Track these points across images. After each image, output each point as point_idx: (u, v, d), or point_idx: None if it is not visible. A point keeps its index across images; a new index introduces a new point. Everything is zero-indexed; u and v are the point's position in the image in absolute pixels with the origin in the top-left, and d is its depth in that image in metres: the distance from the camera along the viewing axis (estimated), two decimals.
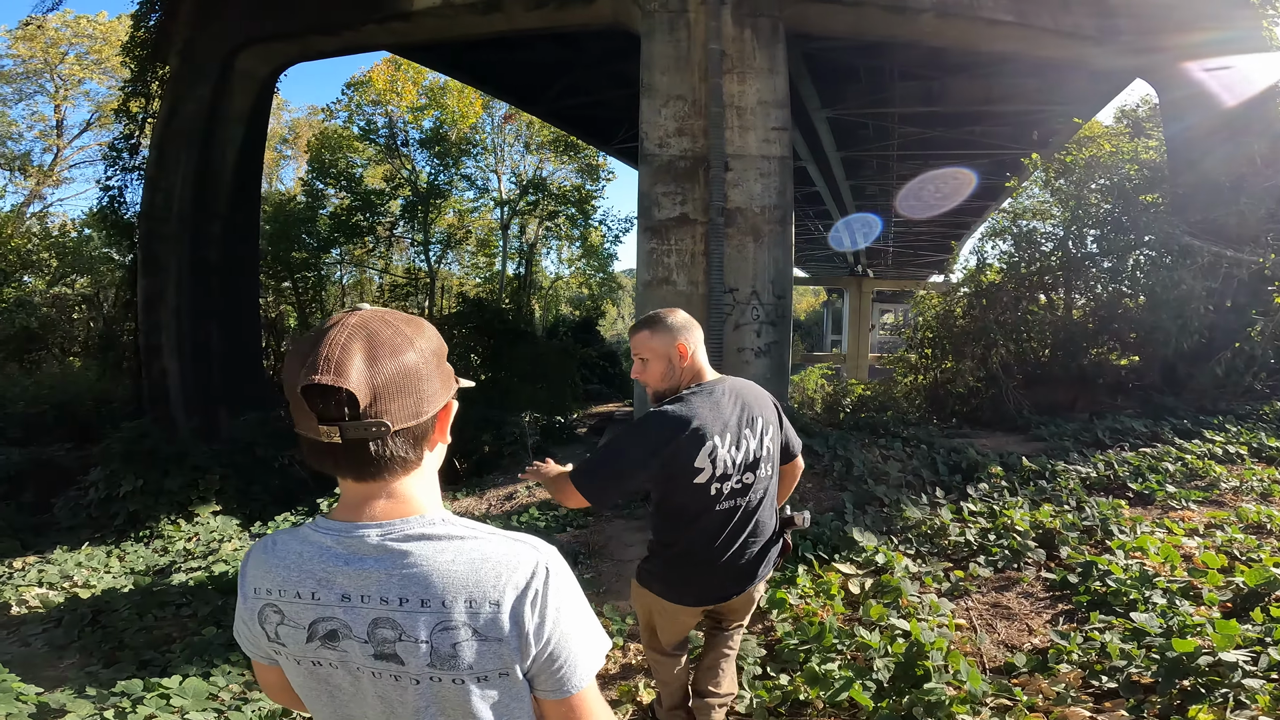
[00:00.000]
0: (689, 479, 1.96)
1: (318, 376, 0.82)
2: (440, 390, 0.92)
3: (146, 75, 9.95)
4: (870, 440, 5.91)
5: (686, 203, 7.39)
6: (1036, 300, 7.72)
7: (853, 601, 3.56)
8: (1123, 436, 5.83)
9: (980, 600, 3.51)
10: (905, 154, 16.15)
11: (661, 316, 2.08)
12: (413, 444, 0.90)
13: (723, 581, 2.12)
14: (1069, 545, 3.83)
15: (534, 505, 5.49)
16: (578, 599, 0.94)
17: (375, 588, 0.87)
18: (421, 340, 0.91)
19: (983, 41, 9.02)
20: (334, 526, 0.90)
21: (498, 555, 0.88)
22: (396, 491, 0.91)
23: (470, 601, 0.86)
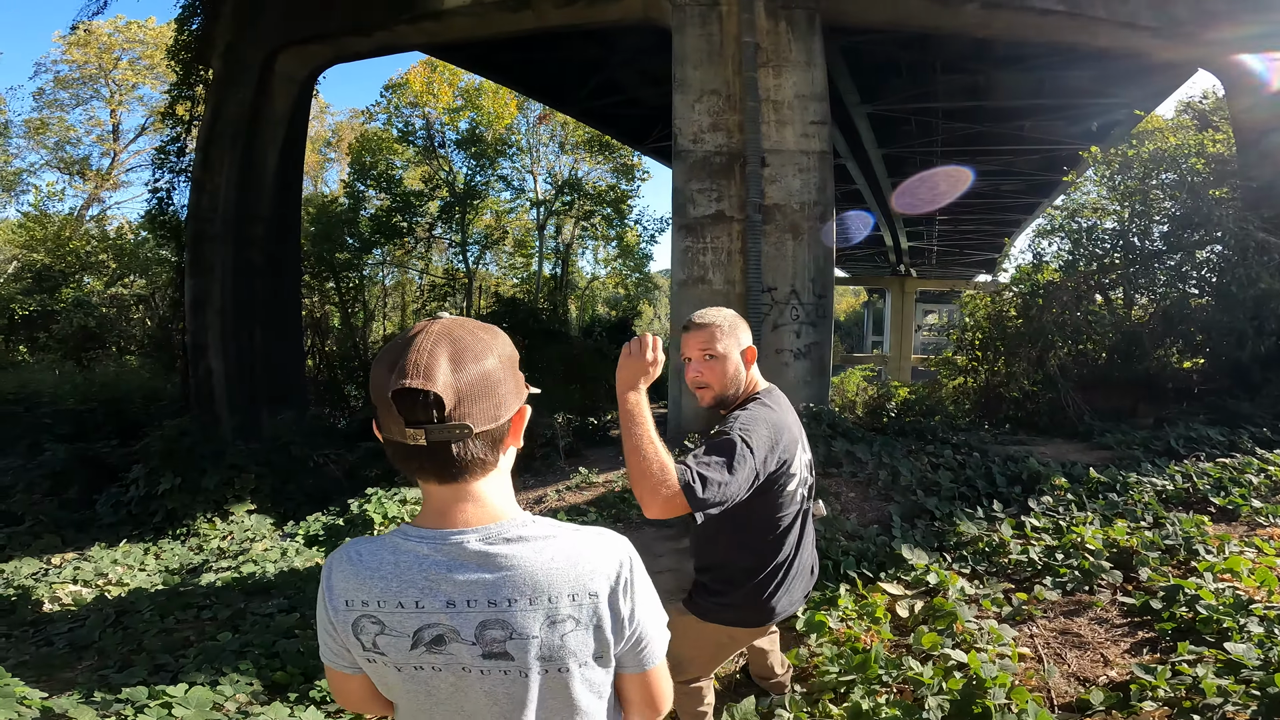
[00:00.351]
0: (786, 485, 1.87)
1: (408, 381, 0.86)
2: (515, 394, 0.97)
3: (191, 78, 10.20)
4: (917, 447, 5.56)
5: (722, 199, 7.21)
6: (1095, 300, 7.29)
7: (901, 626, 3.23)
8: (1197, 446, 5.38)
9: (1047, 627, 3.15)
10: (950, 150, 15.62)
11: (729, 315, 1.96)
12: (490, 446, 0.94)
13: (804, 587, 2.07)
14: (1148, 566, 3.45)
15: (562, 510, 5.36)
16: (650, 583, 1.04)
17: (483, 592, 0.91)
18: (498, 346, 0.96)
19: (1032, 33, 8.62)
20: (427, 535, 0.94)
21: (589, 550, 0.95)
22: (479, 495, 0.95)
23: (573, 595, 0.93)
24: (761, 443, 1.72)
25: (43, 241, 18.92)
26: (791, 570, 1.97)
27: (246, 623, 3.41)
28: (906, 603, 3.36)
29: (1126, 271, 7.20)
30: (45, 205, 21.43)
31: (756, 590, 1.94)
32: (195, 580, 4.44)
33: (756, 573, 1.93)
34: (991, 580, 3.62)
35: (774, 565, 1.93)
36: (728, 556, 1.96)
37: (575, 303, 28.20)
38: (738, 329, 1.94)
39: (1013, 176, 17.91)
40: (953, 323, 18.30)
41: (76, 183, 23.68)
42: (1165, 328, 7.07)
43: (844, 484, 4.79)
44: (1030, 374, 6.73)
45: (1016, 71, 11.67)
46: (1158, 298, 7.46)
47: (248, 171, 9.76)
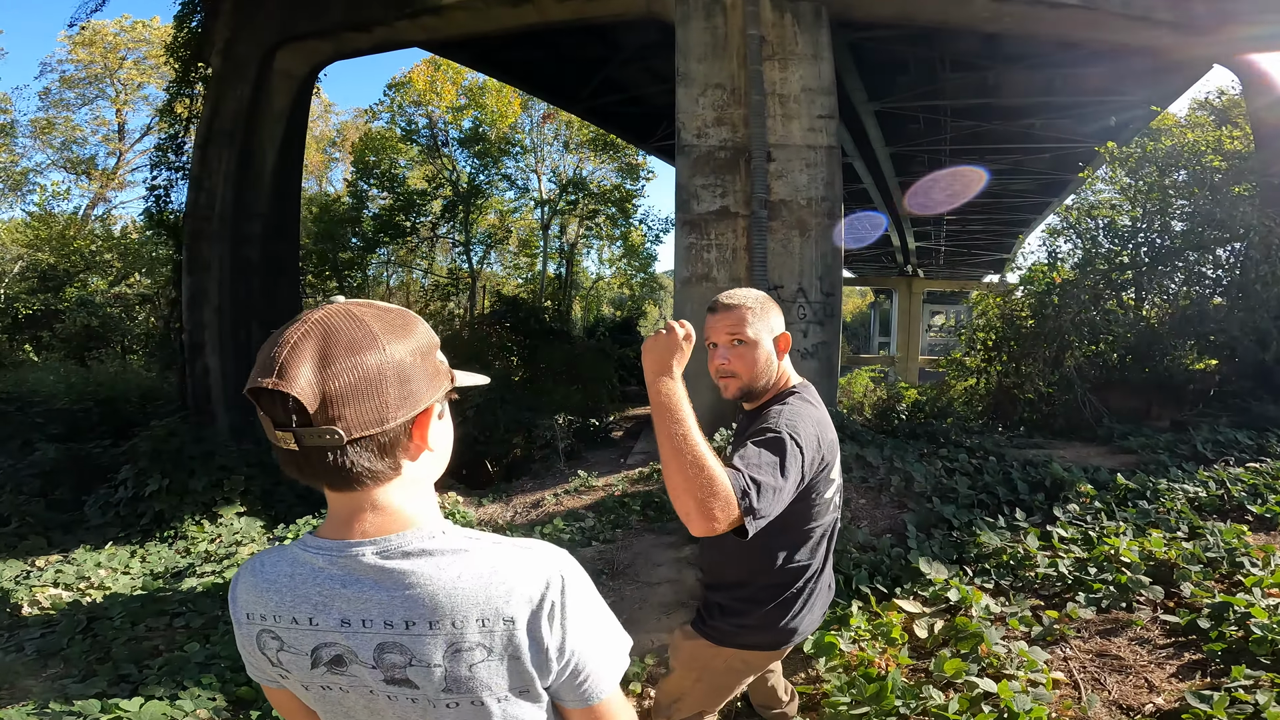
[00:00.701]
0: (824, 490, 1.68)
1: (262, 379, 0.76)
2: (418, 394, 0.83)
3: (189, 76, 10.11)
4: (929, 450, 5.32)
5: (727, 195, 7.04)
6: (1115, 298, 7.09)
7: (919, 648, 2.95)
8: (1225, 450, 5.13)
9: (1082, 648, 2.87)
10: (958, 148, 15.42)
11: (759, 296, 1.75)
12: (378, 453, 0.81)
13: (825, 605, 1.85)
14: (1190, 581, 3.19)
15: (560, 515, 5.20)
16: (596, 604, 0.90)
17: (377, 611, 0.81)
18: (392, 338, 0.82)
19: (1044, 27, 8.42)
20: (325, 545, 0.84)
21: (507, 568, 0.83)
22: (381, 503, 0.84)
23: (483, 620, 0.81)
24: (809, 441, 1.52)
25: (47, 241, 18.94)
26: (818, 587, 1.78)
27: (218, 632, 3.24)
28: (925, 622, 3.08)
29: (1144, 269, 6.98)
30: (50, 205, 21.47)
31: (781, 609, 1.72)
32: (176, 585, 4.29)
33: (784, 589, 1.71)
34: (1018, 596, 3.34)
35: (803, 581, 1.73)
36: (755, 573, 1.72)
37: (580, 303, 28.08)
38: (770, 312, 1.74)
39: (1022, 176, 17.68)
40: (961, 323, 18.04)
41: (82, 182, 23.71)
42: (1184, 328, 6.86)
43: (854, 490, 4.58)
44: (1046, 375, 6.51)
45: (1026, 69, 11.45)
46: (1173, 297, 7.25)
47: (246, 169, 9.68)
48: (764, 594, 1.72)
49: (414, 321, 0.87)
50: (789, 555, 1.69)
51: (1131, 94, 11.58)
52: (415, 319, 0.87)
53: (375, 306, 0.85)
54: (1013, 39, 10.09)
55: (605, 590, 3.75)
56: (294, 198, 10.87)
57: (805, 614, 1.75)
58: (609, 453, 7.73)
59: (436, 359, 0.88)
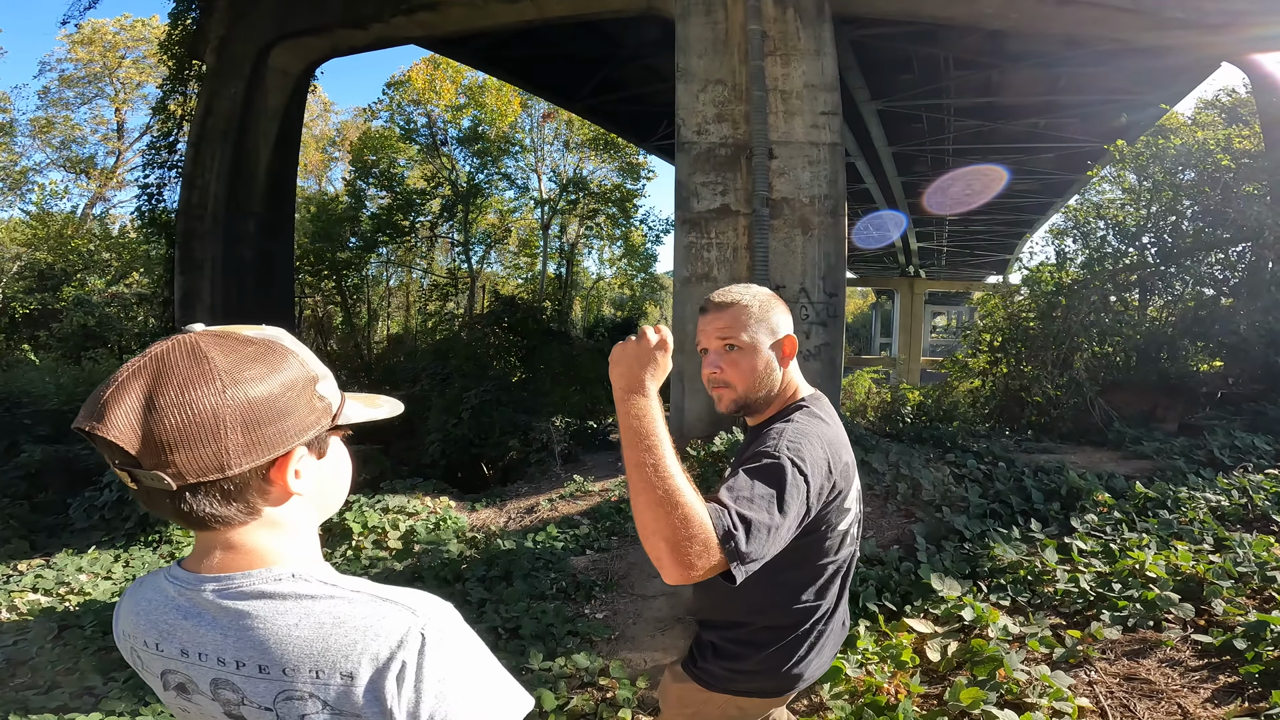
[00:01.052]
0: (838, 522, 1.43)
1: (82, 421, 0.74)
2: (273, 438, 0.77)
3: (184, 73, 10.02)
4: (936, 455, 5.14)
5: (728, 193, 6.90)
6: (1122, 299, 6.94)
7: (932, 672, 2.76)
8: (1243, 455, 4.95)
9: (1108, 671, 2.69)
10: (961, 148, 15.29)
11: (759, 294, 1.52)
12: (222, 499, 0.76)
13: (835, 646, 1.60)
14: (1221, 597, 3.01)
15: (554, 521, 5.05)
16: (472, 666, 0.79)
17: (211, 647, 0.79)
18: (241, 377, 0.75)
19: (1052, 25, 8.29)
20: (178, 576, 0.83)
21: (354, 620, 0.77)
22: (236, 543, 0.80)
23: (316, 672, 0.76)
24: (817, 467, 1.29)
25: (45, 240, 18.84)
26: (828, 629, 1.53)
27: None
28: (938, 643, 2.88)
29: (1155, 270, 6.84)
30: (48, 204, 21.37)
31: (783, 654, 1.49)
32: None
33: (787, 632, 1.48)
34: (1037, 615, 3.12)
35: (810, 623, 1.49)
36: (753, 613, 1.49)
37: (580, 303, 27.96)
38: (771, 312, 1.50)
39: (1025, 176, 17.54)
40: (962, 324, 17.87)
41: (81, 181, 23.62)
42: (1192, 329, 6.71)
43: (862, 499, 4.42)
44: (1054, 377, 6.37)
45: (1031, 68, 11.30)
46: (1179, 298, 7.12)
47: (239, 167, 9.58)
48: (764, 636, 1.49)
49: (280, 356, 0.79)
50: (794, 595, 1.46)
51: (1138, 94, 11.43)
52: (284, 353, 0.79)
53: (232, 338, 0.77)
54: (1018, 37, 9.96)
55: (597, 603, 3.62)
56: (289, 196, 10.75)
57: (812, 658, 1.51)
58: (607, 456, 7.58)
59: (313, 396, 0.80)
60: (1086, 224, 7.50)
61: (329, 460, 0.85)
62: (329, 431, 0.83)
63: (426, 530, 5.05)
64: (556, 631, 3.07)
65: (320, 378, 0.82)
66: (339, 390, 0.86)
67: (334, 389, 0.85)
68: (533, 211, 24.83)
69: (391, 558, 4.58)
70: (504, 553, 4.21)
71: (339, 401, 0.85)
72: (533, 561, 4.04)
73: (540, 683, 2.55)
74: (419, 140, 21.11)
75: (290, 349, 0.81)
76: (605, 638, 3.24)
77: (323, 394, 0.82)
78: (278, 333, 0.83)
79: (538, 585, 3.68)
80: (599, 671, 2.71)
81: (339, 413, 0.84)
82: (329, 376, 0.84)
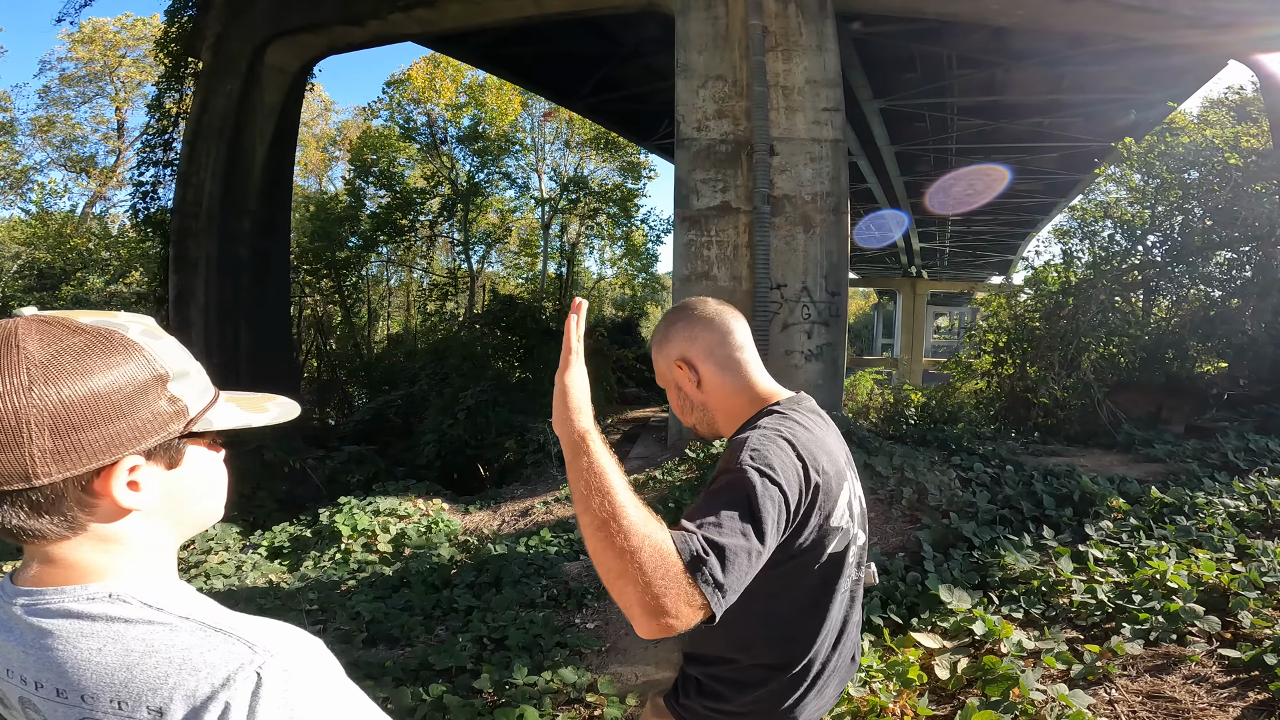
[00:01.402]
0: (826, 540, 1.22)
1: None
2: (96, 445, 0.67)
3: (180, 71, 9.94)
4: (941, 458, 5.00)
5: (728, 190, 6.80)
6: (1129, 299, 6.82)
7: (940, 691, 2.58)
8: (1258, 459, 4.82)
9: (1130, 689, 2.52)
10: (964, 147, 15.18)
11: (666, 316, 1.39)
12: (32, 511, 0.68)
13: (839, 685, 1.38)
14: (1247, 609, 2.86)
15: (548, 525, 4.94)
16: (326, 709, 0.68)
17: (17, 664, 0.72)
18: (59, 374, 0.66)
19: (1057, 20, 8.18)
20: (4, 587, 0.75)
21: (170, 651, 0.67)
22: (57, 557, 0.72)
23: (119, 703, 0.67)
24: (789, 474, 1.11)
25: (44, 239, 18.79)
26: (828, 668, 1.32)
27: None
28: (947, 659, 2.69)
29: (1162, 269, 6.72)
30: (47, 203, 21.32)
31: (774, 697, 1.29)
32: None
33: (778, 673, 1.29)
34: (1053, 628, 2.94)
35: (805, 663, 1.28)
36: (737, 650, 1.30)
37: None
38: (664, 341, 1.35)
39: (1029, 176, 17.43)
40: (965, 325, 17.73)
41: (81, 180, 23.58)
42: (1203, 329, 6.59)
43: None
44: (1061, 378, 6.24)
45: (1035, 66, 11.19)
46: (1185, 298, 7.00)
47: (234, 164, 9.50)
48: (752, 675, 1.31)
49: (115, 350, 0.68)
50: (781, 629, 1.27)
51: (1142, 93, 11.31)
52: (123, 346, 0.69)
53: (61, 326, 0.68)
54: (1023, 34, 9.86)
55: (589, 612, 3.50)
56: (285, 194, 10.67)
57: (810, 700, 1.31)
58: None
59: (158, 397, 0.70)
60: (1093, 223, 7.39)
61: (186, 471, 0.75)
62: (187, 439, 0.73)
63: (418, 533, 4.95)
64: (544, 643, 2.95)
65: (172, 376, 0.72)
66: (213, 389, 0.76)
67: (196, 389, 0.74)
68: (533, 211, 24.75)
69: (380, 561, 4.48)
70: (495, 558, 4.10)
71: (204, 404, 0.74)
72: (524, 567, 3.93)
73: (524, 698, 2.43)
74: (419, 139, 21.04)
75: (134, 342, 0.70)
76: (595, 650, 3.11)
77: (176, 395, 0.72)
78: (127, 321, 0.72)
79: (528, 592, 3.57)
80: (586, 687, 2.58)
81: (199, 417, 0.73)
82: (190, 375, 0.74)
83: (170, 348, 0.73)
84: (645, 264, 26.97)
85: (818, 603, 1.27)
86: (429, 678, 2.66)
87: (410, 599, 3.61)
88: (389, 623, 3.32)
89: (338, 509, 5.10)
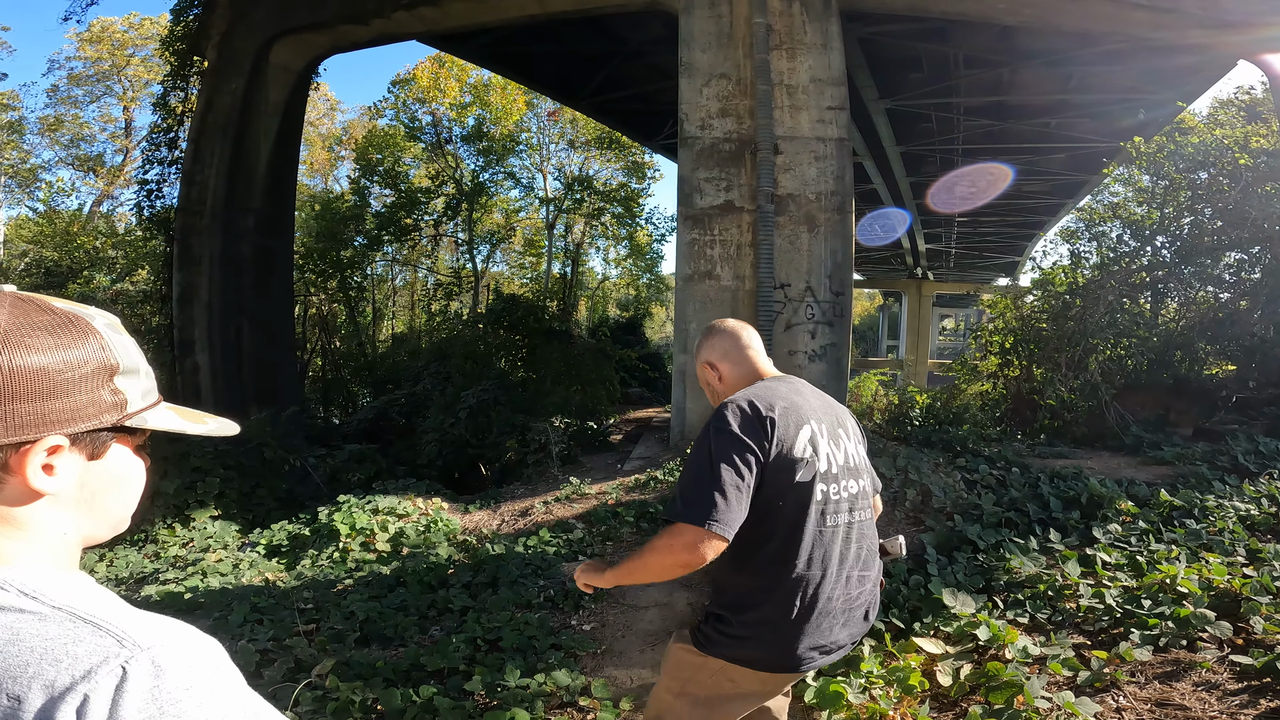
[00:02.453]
0: (791, 475, 1.51)
1: None
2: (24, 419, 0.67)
3: (185, 69, 9.95)
4: (945, 460, 4.92)
5: (732, 189, 6.75)
6: (1137, 300, 6.75)
7: (942, 698, 2.51)
8: (1269, 461, 4.74)
9: (1138, 696, 2.45)
10: (971, 148, 15.10)
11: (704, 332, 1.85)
12: None
13: (848, 632, 1.61)
14: (1259, 614, 2.79)
15: (547, 525, 4.89)
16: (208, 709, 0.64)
17: None
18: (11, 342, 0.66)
19: (1065, 20, 8.11)
20: None
21: (34, 640, 0.65)
22: None
23: None
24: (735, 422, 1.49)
25: (51, 238, 18.89)
26: (820, 598, 1.52)
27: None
28: (950, 665, 2.63)
29: (1170, 271, 6.64)
30: (55, 202, 21.43)
31: (767, 618, 1.52)
32: (129, 595, 4.02)
33: (766, 595, 1.52)
34: (1059, 634, 2.86)
35: (791, 585, 1.50)
36: (729, 573, 1.59)
37: (586, 303, 27.86)
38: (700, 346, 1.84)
39: (1036, 177, 17.32)
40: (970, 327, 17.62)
41: (89, 179, 23.70)
42: (1211, 331, 6.50)
43: None
44: (1068, 380, 6.17)
45: (1042, 66, 11.11)
46: (1193, 300, 6.91)
47: (238, 163, 9.51)
48: (750, 597, 1.55)
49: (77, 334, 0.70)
50: (755, 550, 1.52)
51: (1150, 93, 11.22)
52: (85, 332, 0.70)
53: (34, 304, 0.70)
54: (1030, 34, 9.78)
55: (586, 613, 3.45)
56: (289, 193, 10.68)
57: (805, 635, 1.51)
58: (606, 457, 7.43)
59: (101, 386, 0.70)
60: (1101, 224, 7.31)
61: (106, 466, 0.73)
62: (116, 434, 0.72)
63: (416, 533, 4.91)
64: (539, 644, 2.90)
65: (121, 370, 0.72)
66: (157, 395, 0.76)
67: (140, 389, 0.74)
68: (538, 211, 24.76)
69: (378, 561, 4.44)
70: (492, 558, 4.06)
71: (144, 404, 0.74)
72: (522, 567, 3.89)
73: (516, 701, 2.39)
74: (424, 139, 21.07)
75: (97, 330, 0.71)
76: (591, 652, 3.03)
77: (119, 388, 0.71)
78: (95, 313, 0.73)
79: (525, 593, 3.53)
80: (580, 690, 2.52)
81: (136, 414, 0.72)
82: (138, 374, 0.74)
83: (127, 344, 0.74)
84: (650, 264, 26.98)
85: (796, 527, 1.52)
86: (420, 678, 2.62)
87: (406, 599, 3.57)
88: (383, 622, 3.28)
89: (336, 507, 5.07)
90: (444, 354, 10.67)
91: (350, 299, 19.36)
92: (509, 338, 10.80)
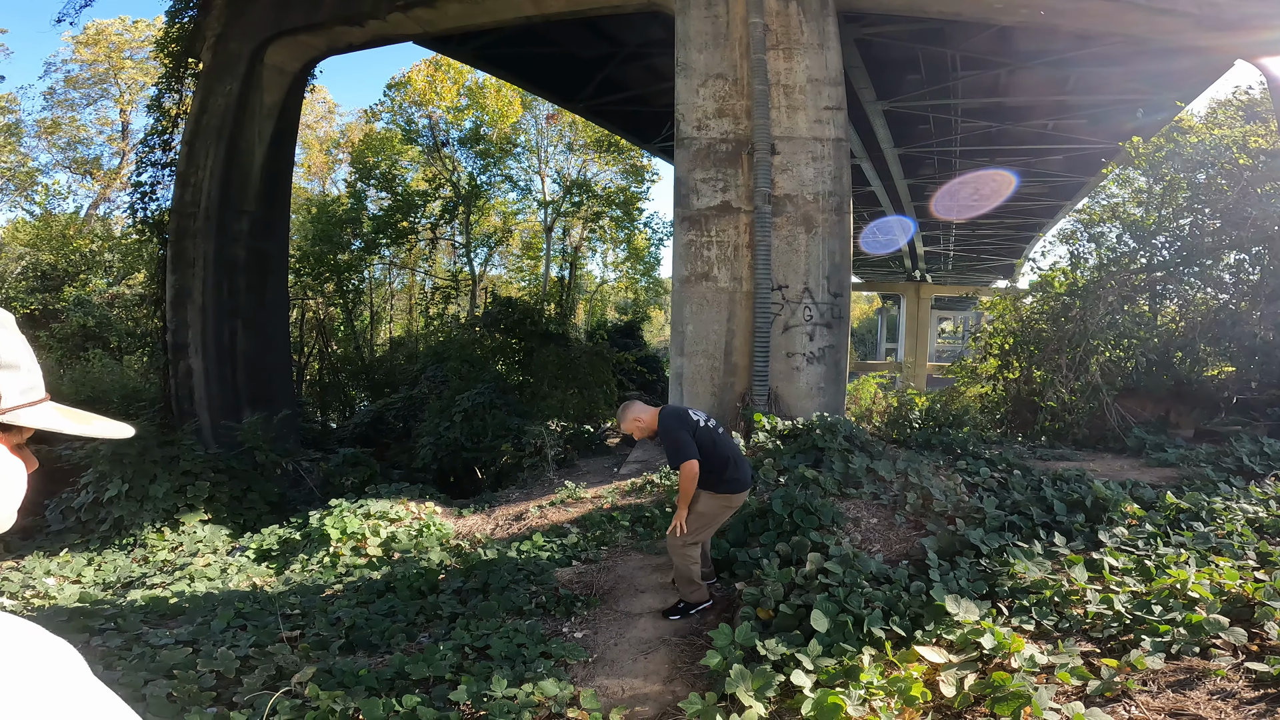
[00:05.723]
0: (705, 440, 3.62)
1: None
2: None
3: (180, 71, 9.88)
4: (946, 463, 4.85)
5: (729, 190, 6.69)
6: (1136, 301, 6.69)
7: (946, 709, 2.39)
8: (1274, 463, 4.68)
9: (1151, 706, 2.34)
10: (969, 150, 15.06)
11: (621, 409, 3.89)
12: None
13: (747, 472, 3.79)
14: (1274, 620, 2.70)
15: (541, 530, 4.82)
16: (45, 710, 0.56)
17: None
18: None
19: (1063, 19, 8.07)
20: None
21: None
22: None
23: None
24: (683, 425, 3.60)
25: (48, 241, 18.83)
26: (730, 460, 3.66)
27: (131, 654, 2.87)
28: (953, 675, 2.52)
29: (1170, 272, 6.58)
30: (51, 205, 21.37)
31: (722, 475, 3.61)
32: (114, 599, 3.94)
33: (719, 472, 3.60)
34: (1066, 641, 2.76)
35: (725, 467, 3.63)
36: (708, 471, 3.57)
37: (584, 306, 27.79)
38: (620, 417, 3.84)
39: (1035, 178, 17.29)
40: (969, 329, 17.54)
41: (86, 182, 23.64)
42: (1212, 332, 6.44)
43: (864, 507, 4.13)
44: (1068, 381, 6.10)
45: (1040, 68, 11.08)
46: (1192, 301, 6.85)
47: (233, 164, 9.44)
48: (716, 475, 3.61)
49: None
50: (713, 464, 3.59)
51: (1148, 95, 11.18)
52: None
53: None
54: (1028, 35, 9.75)
55: (578, 620, 3.37)
56: (284, 195, 10.61)
57: (732, 474, 3.65)
58: (602, 461, 7.35)
59: None
60: (1100, 224, 7.25)
61: None
62: None
63: (409, 537, 4.84)
64: (528, 653, 2.82)
65: (4, 366, 0.69)
66: (43, 394, 0.73)
67: (19, 386, 0.70)
68: (536, 214, 24.70)
69: (368, 566, 4.37)
70: (484, 563, 3.99)
71: (23, 401, 0.70)
72: (514, 573, 3.81)
73: (501, 712, 2.31)
74: (420, 142, 21.02)
75: None
76: (582, 660, 2.97)
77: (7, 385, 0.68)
78: None
79: (516, 599, 3.45)
80: (568, 701, 2.43)
81: (11, 410, 0.69)
82: (19, 370, 0.71)
83: (13, 341, 0.71)
84: (648, 268, 26.92)
85: (714, 444, 3.64)
86: (404, 688, 2.54)
87: (394, 605, 3.50)
88: (369, 629, 3.20)
89: (328, 512, 4.99)
90: (441, 357, 10.60)
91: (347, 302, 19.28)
92: (506, 341, 10.74)
